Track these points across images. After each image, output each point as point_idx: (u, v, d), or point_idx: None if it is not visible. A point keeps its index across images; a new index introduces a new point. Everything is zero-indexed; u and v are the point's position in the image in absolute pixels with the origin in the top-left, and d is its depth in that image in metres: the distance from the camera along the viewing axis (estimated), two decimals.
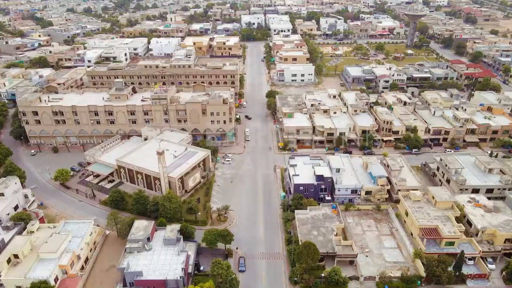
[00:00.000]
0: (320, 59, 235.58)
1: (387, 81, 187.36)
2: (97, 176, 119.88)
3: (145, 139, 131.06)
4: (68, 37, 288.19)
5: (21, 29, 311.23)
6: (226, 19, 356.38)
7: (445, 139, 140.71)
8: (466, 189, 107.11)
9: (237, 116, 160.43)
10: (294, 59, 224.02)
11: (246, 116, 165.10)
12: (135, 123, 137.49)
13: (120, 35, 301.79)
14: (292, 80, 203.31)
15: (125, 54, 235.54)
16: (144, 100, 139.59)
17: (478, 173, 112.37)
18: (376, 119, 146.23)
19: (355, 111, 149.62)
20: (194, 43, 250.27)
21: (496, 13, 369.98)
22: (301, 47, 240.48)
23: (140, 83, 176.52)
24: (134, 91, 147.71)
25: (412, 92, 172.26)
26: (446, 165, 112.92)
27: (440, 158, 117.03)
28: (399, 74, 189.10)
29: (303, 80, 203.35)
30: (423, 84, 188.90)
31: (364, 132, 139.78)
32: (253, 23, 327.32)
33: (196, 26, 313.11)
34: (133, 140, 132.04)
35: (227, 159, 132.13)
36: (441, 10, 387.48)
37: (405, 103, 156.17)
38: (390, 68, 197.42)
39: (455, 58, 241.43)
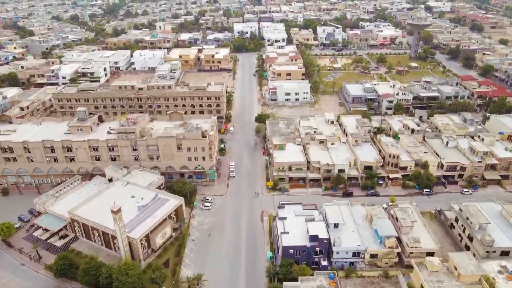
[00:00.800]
0: (317, 73, 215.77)
1: (391, 101, 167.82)
2: (48, 230, 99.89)
3: (110, 180, 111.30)
4: (47, 48, 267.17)
5: None
6: (218, 27, 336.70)
7: (460, 176, 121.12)
8: (494, 251, 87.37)
9: (222, 146, 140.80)
10: (289, 74, 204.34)
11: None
12: (99, 160, 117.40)
13: (103, 45, 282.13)
14: (285, 100, 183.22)
15: (105, 69, 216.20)
16: (110, 132, 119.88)
17: (506, 228, 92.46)
18: (380, 151, 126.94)
19: (356, 141, 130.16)
20: (181, 56, 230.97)
21: (502, 19, 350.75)
22: (296, 60, 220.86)
23: (113, 106, 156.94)
24: (100, 120, 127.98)
25: (420, 117, 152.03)
26: (467, 218, 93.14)
27: (459, 207, 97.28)
28: (404, 93, 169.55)
29: (297, 99, 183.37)
30: (431, 105, 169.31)
31: (366, 168, 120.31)
32: (246, 32, 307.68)
33: (184, 36, 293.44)
34: (95, 181, 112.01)
35: (206, 204, 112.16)
36: (445, 17, 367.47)
37: (413, 131, 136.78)
38: (393, 86, 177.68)
39: (463, 71, 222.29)
